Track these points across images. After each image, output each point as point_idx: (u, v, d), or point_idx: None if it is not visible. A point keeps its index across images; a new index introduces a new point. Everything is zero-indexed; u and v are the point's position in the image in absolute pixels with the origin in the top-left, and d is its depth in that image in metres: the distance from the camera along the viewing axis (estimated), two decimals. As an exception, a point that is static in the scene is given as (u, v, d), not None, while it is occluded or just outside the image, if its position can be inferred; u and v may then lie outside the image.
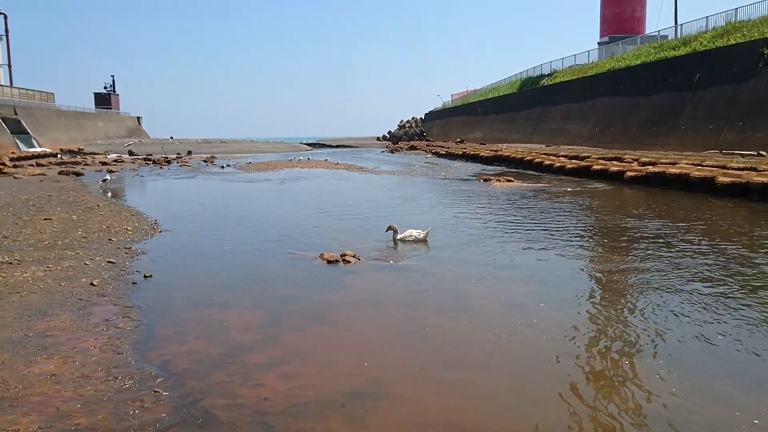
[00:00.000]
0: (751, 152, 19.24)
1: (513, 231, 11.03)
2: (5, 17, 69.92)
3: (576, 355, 5.03)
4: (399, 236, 9.91)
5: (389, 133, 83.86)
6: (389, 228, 10.06)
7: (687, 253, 8.76)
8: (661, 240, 9.87)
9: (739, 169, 15.96)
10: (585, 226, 11.70)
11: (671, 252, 8.91)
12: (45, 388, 4.28)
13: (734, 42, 25.15)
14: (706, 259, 8.39)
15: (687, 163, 18.31)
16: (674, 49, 30.19)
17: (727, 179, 15.03)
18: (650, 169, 18.81)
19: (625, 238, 10.25)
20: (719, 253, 8.73)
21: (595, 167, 21.75)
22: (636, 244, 9.64)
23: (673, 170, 17.52)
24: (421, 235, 9.90)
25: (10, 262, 8.09)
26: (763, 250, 8.86)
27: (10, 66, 69.85)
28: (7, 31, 69.66)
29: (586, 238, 10.49)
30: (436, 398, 4.25)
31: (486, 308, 6.35)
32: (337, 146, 76.16)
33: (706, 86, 25.07)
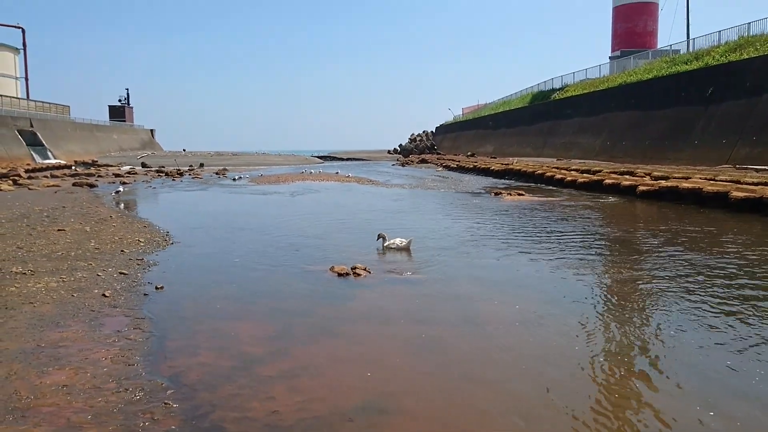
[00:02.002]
0: (765, 167, 19.08)
1: (525, 245, 10.98)
2: (23, 31, 71.29)
3: (589, 369, 4.97)
4: (385, 243, 10.55)
5: (400, 146, 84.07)
6: (379, 236, 10.72)
7: (697, 269, 8.67)
8: (672, 255, 9.77)
9: (753, 183, 15.82)
10: (597, 241, 11.62)
11: (682, 267, 8.82)
12: (56, 399, 4.30)
13: (747, 56, 25.08)
14: (716, 275, 8.29)
15: (700, 178, 18.18)
16: (686, 64, 30.15)
17: (741, 194, 14.90)
18: (663, 183, 18.68)
19: (637, 252, 10.17)
20: (731, 270, 8.62)
21: (607, 181, 21.65)
22: (648, 259, 9.56)
23: (686, 185, 17.40)
24: (403, 244, 10.45)
25: (24, 273, 8.17)
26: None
27: (27, 79, 71.09)
28: (24, 45, 71.04)
29: (598, 253, 10.41)
30: (446, 413, 4.21)
31: (497, 323, 6.31)
32: (348, 159, 76.45)
33: (718, 101, 24.96)
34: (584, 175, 24.49)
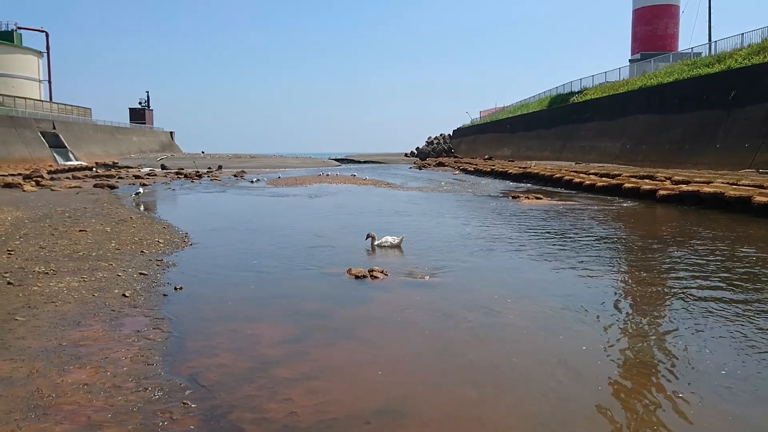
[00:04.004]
0: (790, 171, 18.73)
1: (543, 249, 10.89)
2: (47, 35, 72.62)
3: (609, 375, 4.91)
4: (376, 242, 10.88)
5: (417, 149, 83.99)
6: (368, 236, 11.05)
7: (717, 275, 8.53)
8: (692, 261, 9.63)
9: (777, 188, 15.54)
10: (617, 245, 11.50)
11: (700, 274, 8.68)
12: (77, 398, 4.35)
13: (771, 59, 24.65)
14: (735, 282, 8.16)
15: (722, 182, 17.91)
16: (708, 67, 29.71)
17: (765, 199, 14.65)
18: (683, 187, 18.43)
19: (657, 258, 10.04)
20: (752, 278, 8.47)
21: (627, 185, 21.41)
22: (668, 265, 9.43)
23: (707, 189, 17.14)
24: (396, 241, 10.88)
25: (47, 272, 8.29)
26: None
27: (50, 82, 72.45)
28: (48, 48, 72.40)
29: (618, 258, 10.30)
30: (463, 418, 4.19)
31: (516, 327, 6.26)
32: (365, 162, 76.49)
33: (741, 104, 24.57)
34: (603, 178, 24.27)
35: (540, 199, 21.00)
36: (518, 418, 4.18)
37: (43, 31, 72.60)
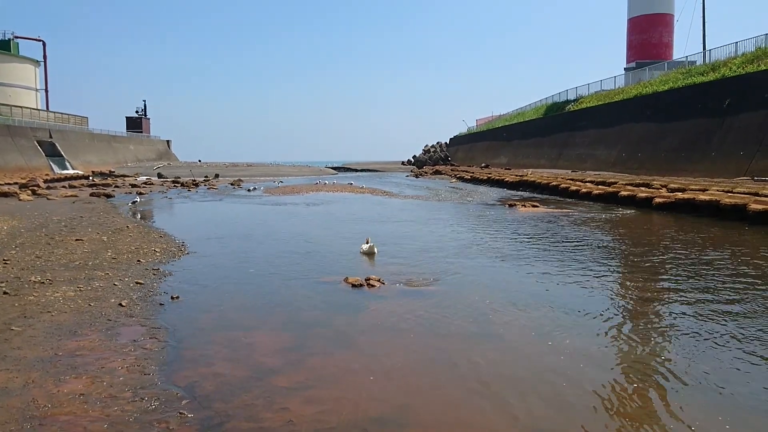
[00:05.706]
0: (784, 179, 18.81)
1: (539, 256, 10.91)
2: (44, 44, 72.76)
3: (604, 382, 4.91)
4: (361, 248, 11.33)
5: (414, 157, 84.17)
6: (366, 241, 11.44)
7: (711, 282, 8.56)
8: (689, 268, 9.66)
9: (771, 196, 15.60)
10: (613, 253, 11.52)
11: (696, 282, 8.71)
12: (73, 408, 4.34)
13: (765, 68, 24.84)
14: (732, 289, 8.18)
15: (717, 190, 17.98)
16: (703, 75, 29.92)
17: (760, 206, 14.71)
18: (679, 195, 18.50)
19: (652, 266, 10.06)
20: (750, 286, 8.50)
21: (623, 193, 21.48)
22: (664, 273, 9.46)
23: (702, 197, 17.20)
24: (365, 248, 11.14)
25: (42, 282, 8.27)
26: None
27: (47, 91, 72.48)
28: (45, 57, 72.50)
29: (613, 266, 10.31)
30: (461, 426, 4.18)
31: (512, 335, 6.27)
32: (361, 170, 76.59)
33: (735, 112, 24.74)
34: (599, 186, 24.33)
35: (536, 207, 21.05)
36: (517, 427, 4.18)
37: (40, 41, 72.81)
